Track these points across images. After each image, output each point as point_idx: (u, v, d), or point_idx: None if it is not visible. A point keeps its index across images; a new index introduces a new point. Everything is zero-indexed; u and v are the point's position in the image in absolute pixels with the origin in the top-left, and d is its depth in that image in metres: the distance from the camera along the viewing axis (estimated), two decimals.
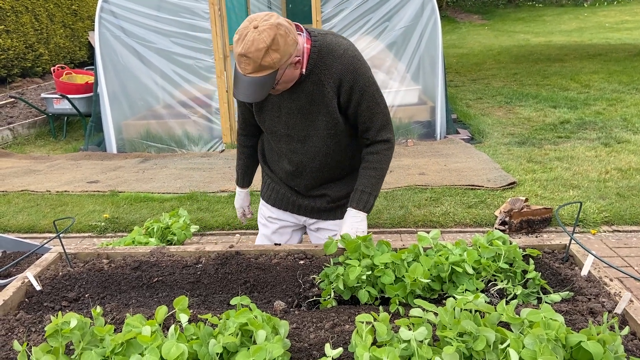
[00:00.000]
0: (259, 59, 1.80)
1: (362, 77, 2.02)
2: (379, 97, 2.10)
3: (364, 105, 2.06)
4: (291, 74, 1.97)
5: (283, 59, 1.84)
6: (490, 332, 1.35)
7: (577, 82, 8.27)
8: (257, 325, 1.41)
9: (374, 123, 2.11)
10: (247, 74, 1.86)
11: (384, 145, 2.16)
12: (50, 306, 1.89)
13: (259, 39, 1.78)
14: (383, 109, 2.11)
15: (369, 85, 2.05)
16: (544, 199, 3.59)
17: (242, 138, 2.45)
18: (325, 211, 2.38)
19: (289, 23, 1.87)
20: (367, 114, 2.09)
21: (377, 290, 1.79)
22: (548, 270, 1.90)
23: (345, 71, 2.00)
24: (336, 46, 2.01)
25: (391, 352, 1.31)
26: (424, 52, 5.67)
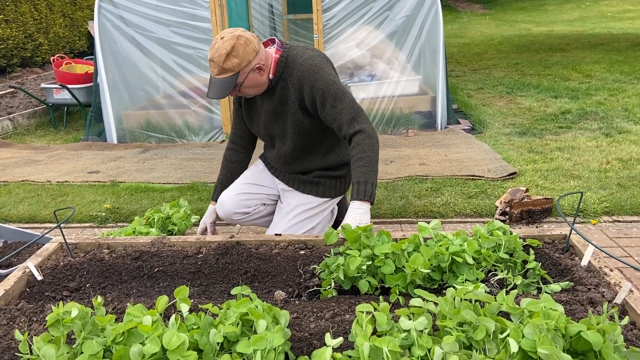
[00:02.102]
0: (221, 63, 2.21)
1: (319, 81, 2.28)
2: (342, 94, 2.29)
3: (328, 104, 2.29)
4: (256, 79, 2.32)
5: (242, 63, 2.23)
6: (490, 321, 1.35)
7: (579, 72, 8.22)
8: (258, 315, 1.42)
9: (343, 118, 2.28)
10: (214, 75, 2.27)
11: (360, 136, 2.26)
12: (52, 296, 1.90)
13: (222, 47, 2.20)
14: (349, 103, 2.28)
15: (329, 85, 2.28)
16: (544, 189, 3.58)
17: (230, 152, 2.79)
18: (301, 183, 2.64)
19: (253, 37, 2.27)
20: (333, 111, 2.29)
21: (378, 280, 1.79)
22: (548, 261, 1.90)
23: (303, 77, 2.31)
24: (299, 56, 2.35)
25: (391, 341, 1.32)
26: (425, 41, 5.63)
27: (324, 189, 2.65)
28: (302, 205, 2.64)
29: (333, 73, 2.37)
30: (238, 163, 2.79)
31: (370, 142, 2.26)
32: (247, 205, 2.71)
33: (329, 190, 2.66)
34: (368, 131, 2.27)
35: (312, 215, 2.65)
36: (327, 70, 2.33)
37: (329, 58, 2.46)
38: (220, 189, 2.78)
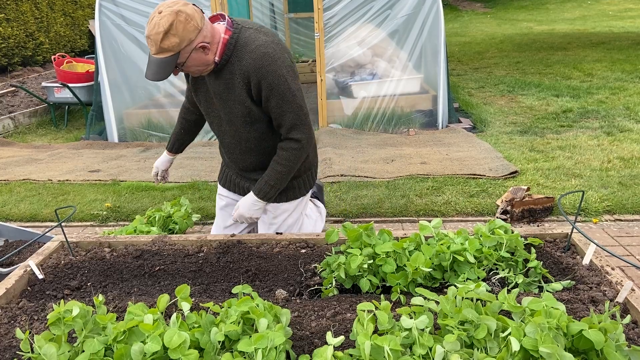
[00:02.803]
0: (159, 42, 1.97)
1: (271, 74, 2.09)
2: (291, 95, 2.15)
3: (272, 102, 2.15)
4: (200, 58, 2.08)
5: (182, 43, 1.99)
6: (492, 320, 1.35)
7: (580, 70, 8.21)
8: (259, 314, 1.41)
9: (284, 121, 2.19)
10: (153, 54, 2.03)
11: (294, 144, 2.23)
12: (53, 294, 1.90)
13: (159, 24, 1.95)
14: (295, 108, 2.17)
15: (279, 83, 2.11)
16: (545, 188, 3.58)
17: (184, 110, 2.63)
18: None
19: (196, 11, 2.01)
20: (277, 110, 2.18)
21: (379, 279, 1.79)
22: (550, 259, 1.90)
23: (253, 66, 2.09)
24: (251, 41, 2.12)
25: (392, 340, 1.32)
26: (426, 40, 5.63)
27: (292, 192, 2.48)
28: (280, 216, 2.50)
29: (287, 65, 2.14)
30: (192, 122, 2.64)
31: (298, 155, 2.26)
32: None
33: (298, 191, 2.49)
34: (303, 143, 2.24)
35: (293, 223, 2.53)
36: (280, 63, 2.11)
37: (283, 44, 2.21)
38: (173, 142, 2.69)
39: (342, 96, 5.83)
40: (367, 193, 3.67)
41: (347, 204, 3.52)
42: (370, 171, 4.13)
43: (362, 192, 3.68)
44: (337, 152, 4.72)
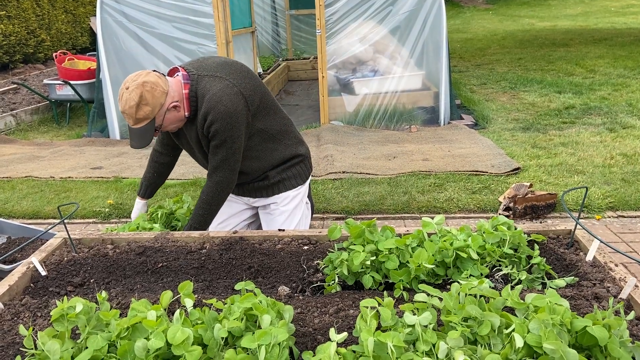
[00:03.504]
0: (134, 114, 2.20)
1: (219, 120, 2.29)
2: (231, 142, 2.36)
3: (213, 143, 2.37)
4: (174, 117, 2.31)
5: (155, 109, 2.22)
6: (495, 317, 1.35)
7: (582, 67, 8.19)
8: (262, 310, 1.41)
9: (214, 160, 2.42)
10: (132, 126, 2.26)
11: (211, 185, 2.46)
12: (56, 291, 1.90)
13: (130, 98, 2.18)
14: (229, 154, 2.38)
15: (224, 130, 2.32)
16: (548, 184, 3.57)
17: (156, 153, 2.76)
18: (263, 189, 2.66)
19: (158, 77, 2.24)
20: (212, 150, 2.40)
21: (381, 276, 1.79)
22: (553, 256, 1.89)
23: (207, 113, 2.30)
24: (206, 91, 2.32)
25: (396, 336, 1.32)
26: (428, 37, 5.61)
27: (288, 182, 2.66)
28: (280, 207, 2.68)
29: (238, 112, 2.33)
30: (165, 165, 2.78)
31: (215, 197, 2.47)
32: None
33: (294, 180, 2.67)
34: (221, 184, 2.45)
35: (293, 209, 2.69)
36: (231, 113, 2.31)
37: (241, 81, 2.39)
38: (146, 187, 2.79)
39: (343, 93, 5.83)
40: (369, 190, 3.66)
41: (349, 200, 3.52)
42: (372, 168, 4.13)
43: (364, 189, 3.68)
44: (339, 149, 4.72)
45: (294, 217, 2.69)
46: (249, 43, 7.13)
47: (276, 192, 2.65)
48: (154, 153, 2.76)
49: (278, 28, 10.33)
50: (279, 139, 2.58)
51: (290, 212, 2.68)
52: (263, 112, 2.49)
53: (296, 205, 2.70)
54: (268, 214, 2.72)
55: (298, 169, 2.67)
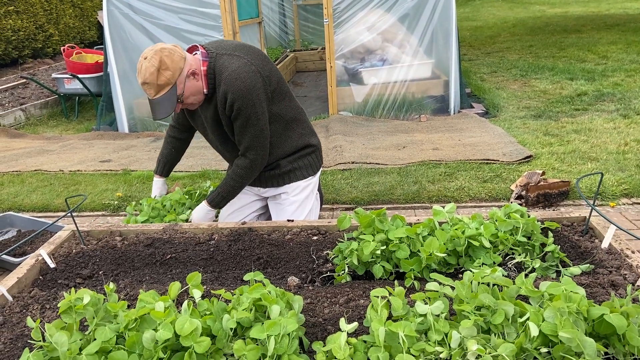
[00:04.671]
0: (155, 80, 2.19)
1: (240, 99, 2.29)
2: (255, 119, 2.35)
3: (238, 122, 2.36)
4: (194, 87, 2.30)
5: (175, 74, 2.21)
6: (509, 305, 1.31)
7: (595, 53, 8.06)
8: (271, 300, 1.39)
9: (243, 141, 2.42)
10: (153, 97, 2.24)
11: (246, 162, 2.45)
12: (64, 283, 1.89)
13: (149, 65, 2.18)
14: (257, 131, 2.38)
15: (247, 107, 2.31)
16: (561, 172, 3.51)
17: (172, 129, 2.75)
18: (274, 177, 2.64)
19: (174, 46, 2.26)
20: (239, 131, 2.39)
21: (392, 265, 1.76)
22: (567, 243, 1.86)
23: (227, 91, 2.29)
24: (225, 68, 2.31)
25: (407, 326, 1.29)
26: (437, 24, 5.53)
27: (299, 172, 2.64)
28: (291, 197, 2.65)
29: (256, 88, 2.32)
30: (182, 140, 2.78)
31: (249, 173, 2.49)
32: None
33: (305, 170, 2.65)
34: (255, 163, 2.46)
35: (303, 200, 2.66)
36: (250, 88, 2.30)
37: (258, 60, 2.39)
38: (164, 164, 2.78)
39: (352, 83, 5.77)
40: (378, 180, 3.63)
41: (358, 191, 3.48)
42: (382, 158, 4.09)
43: (373, 179, 3.65)
44: (348, 140, 4.68)
45: (304, 207, 2.66)
46: (256, 34, 7.09)
47: (287, 181, 2.63)
48: (170, 129, 2.76)
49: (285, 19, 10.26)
50: (292, 126, 2.56)
51: (301, 203, 2.66)
52: (279, 97, 2.47)
53: (307, 196, 2.68)
54: (278, 204, 2.70)
55: (310, 159, 2.65)
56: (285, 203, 2.66)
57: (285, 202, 2.66)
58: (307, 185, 2.67)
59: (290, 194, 2.65)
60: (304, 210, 2.66)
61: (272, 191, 2.68)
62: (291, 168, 2.61)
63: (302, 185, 2.65)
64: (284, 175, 2.61)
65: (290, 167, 2.61)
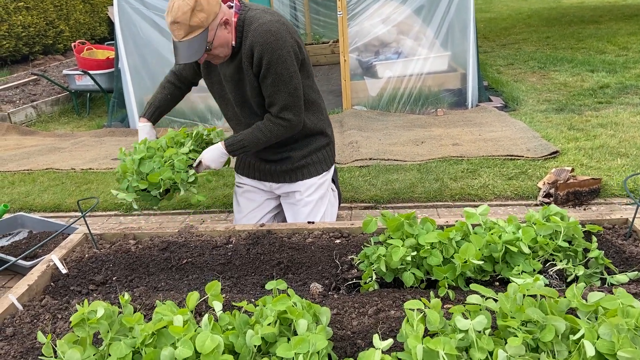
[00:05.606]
0: (188, 21, 2.01)
1: (270, 52, 2.13)
2: (288, 77, 2.18)
3: (269, 80, 2.18)
4: (224, 37, 2.13)
5: (210, 17, 2.04)
6: (560, 320, 1.20)
7: (615, 44, 7.84)
8: (298, 314, 1.29)
9: (277, 100, 2.22)
10: (181, 39, 2.06)
11: (283, 122, 2.27)
12: (77, 290, 1.81)
13: (183, 4, 1.99)
14: (291, 89, 2.21)
15: (278, 62, 2.14)
16: (590, 168, 3.37)
17: (174, 76, 2.55)
18: (287, 172, 2.51)
19: None
20: (271, 89, 2.21)
21: (423, 272, 1.65)
22: (611, 248, 1.73)
23: (255, 43, 2.13)
24: (255, 19, 2.16)
25: (447, 343, 1.18)
26: (454, 16, 5.38)
27: (313, 168, 2.52)
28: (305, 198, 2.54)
29: (288, 46, 2.16)
30: (181, 90, 2.59)
31: (283, 133, 2.31)
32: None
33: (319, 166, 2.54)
34: (293, 123, 2.29)
35: (317, 200, 2.55)
36: (282, 43, 2.14)
37: (290, 26, 2.24)
38: (156, 108, 2.57)
39: (366, 77, 5.64)
40: (397, 177, 3.51)
41: (377, 189, 3.37)
42: (400, 154, 3.97)
43: (392, 177, 3.53)
44: (363, 135, 4.56)
45: (319, 208, 2.55)
46: None
47: (300, 177, 2.51)
48: (171, 75, 2.57)
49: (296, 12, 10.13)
50: (312, 110, 2.43)
51: (315, 203, 2.55)
52: (305, 73, 2.33)
53: (321, 196, 2.57)
54: (292, 205, 2.59)
55: (323, 154, 2.54)
56: (300, 204, 2.55)
57: (300, 203, 2.55)
58: (321, 183, 2.56)
59: (304, 194, 2.54)
60: (319, 211, 2.55)
61: (286, 187, 2.57)
62: (304, 163, 2.50)
63: (317, 183, 2.54)
64: (296, 170, 2.50)
65: (303, 162, 2.49)
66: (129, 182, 2.35)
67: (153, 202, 2.39)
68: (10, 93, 7.30)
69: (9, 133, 5.85)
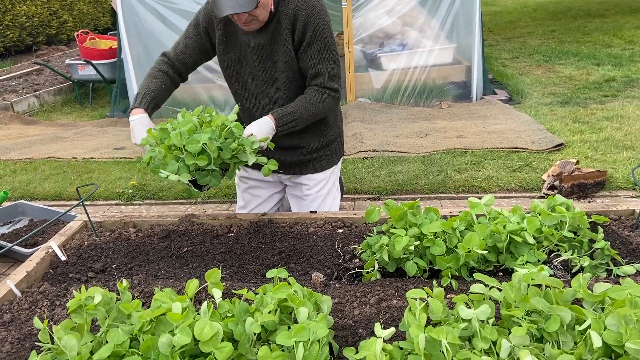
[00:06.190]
0: None
1: (316, 17, 2.00)
2: (332, 44, 2.06)
3: (314, 47, 2.03)
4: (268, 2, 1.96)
5: None
6: (565, 311, 1.18)
7: (620, 38, 7.78)
8: (298, 302, 1.27)
9: (325, 69, 2.06)
10: None
11: (332, 92, 2.10)
12: (76, 277, 1.79)
13: None
14: (335, 57, 2.08)
15: (323, 28, 2.02)
16: (595, 161, 3.34)
17: (166, 65, 2.24)
18: (298, 164, 2.37)
19: None
20: (317, 57, 2.04)
21: (426, 262, 1.63)
22: (617, 240, 1.71)
23: (300, 7, 2.00)
24: None
25: (450, 332, 1.16)
26: (460, 8, 5.33)
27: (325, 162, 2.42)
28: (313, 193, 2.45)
29: (328, 16, 2.08)
30: (173, 82, 2.26)
31: (332, 104, 2.15)
32: None
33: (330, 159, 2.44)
34: (340, 95, 2.16)
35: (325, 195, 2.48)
36: (325, 9, 2.05)
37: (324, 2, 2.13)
38: (152, 98, 2.14)
39: (370, 69, 5.61)
40: (401, 169, 3.48)
41: (380, 180, 3.35)
42: (404, 146, 3.94)
43: (396, 168, 3.50)
44: (367, 127, 4.53)
45: (325, 202, 2.52)
46: None
47: (310, 170, 2.42)
48: (161, 64, 2.25)
49: None
50: None
51: (323, 199, 2.49)
52: None
53: (329, 191, 2.52)
54: (299, 199, 2.52)
55: (335, 146, 2.45)
56: (308, 199, 2.47)
57: (308, 198, 2.47)
58: (329, 176, 2.49)
59: (313, 188, 2.46)
60: (325, 205, 2.51)
61: (294, 179, 2.50)
62: (317, 156, 2.40)
63: (324, 178, 2.46)
64: (307, 163, 2.42)
65: (315, 155, 2.40)
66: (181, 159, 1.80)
67: (214, 180, 1.88)
68: (14, 82, 7.29)
69: (12, 122, 5.84)
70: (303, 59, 2.08)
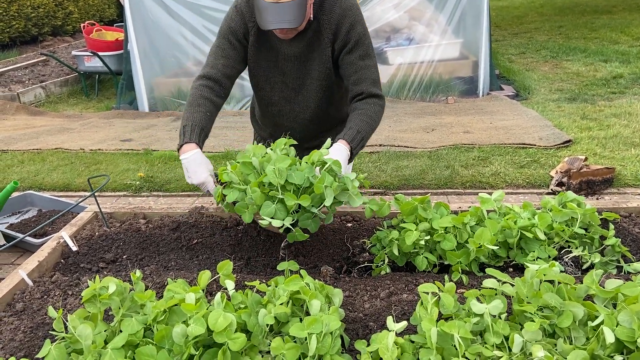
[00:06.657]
0: None
1: (359, 25, 2.01)
2: (372, 52, 2.05)
3: (356, 54, 2.01)
4: (309, 12, 1.95)
5: None
6: (578, 306, 1.18)
7: (628, 34, 7.73)
8: (311, 295, 1.28)
9: (367, 75, 2.02)
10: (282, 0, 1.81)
11: (379, 100, 2.04)
12: (88, 267, 1.80)
13: None
14: (375, 64, 2.07)
15: (365, 36, 2.03)
16: (603, 158, 3.33)
17: (206, 90, 2.06)
18: None
19: None
20: (360, 64, 2.02)
21: (436, 257, 1.63)
22: (628, 237, 1.71)
23: (344, 15, 1.99)
24: None
25: (462, 327, 1.17)
26: (467, 3, 5.31)
27: None
28: None
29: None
30: (217, 105, 2.07)
31: (381, 112, 2.05)
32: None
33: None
34: (383, 101, 2.07)
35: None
36: (364, 20, 2.07)
37: None
38: (201, 129, 1.94)
39: None
40: (408, 164, 3.48)
41: (387, 175, 3.35)
42: (410, 141, 3.93)
43: (402, 163, 3.50)
44: None
45: None
46: None
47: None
48: (202, 89, 2.07)
49: None
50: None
51: None
52: None
53: None
54: None
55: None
56: None
57: None
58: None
59: None
60: None
61: None
62: None
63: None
64: None
65: None
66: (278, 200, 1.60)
67: (313, 225, 1.68)
68: (20, 73, 7.30)
69: (19, 113, 5.86)
70: (344, 65, 2.05)
